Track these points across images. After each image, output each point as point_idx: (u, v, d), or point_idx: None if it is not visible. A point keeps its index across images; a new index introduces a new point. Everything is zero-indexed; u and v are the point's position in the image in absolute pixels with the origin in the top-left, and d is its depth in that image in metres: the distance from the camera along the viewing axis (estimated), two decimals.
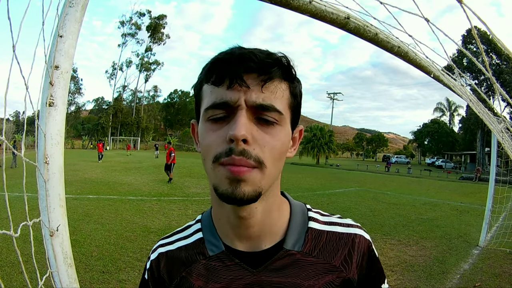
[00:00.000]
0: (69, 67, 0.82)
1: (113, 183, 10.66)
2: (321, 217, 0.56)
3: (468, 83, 3.83)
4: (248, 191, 0.44)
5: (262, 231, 0.52)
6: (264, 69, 0.45)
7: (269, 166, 0.46)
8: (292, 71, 0.49)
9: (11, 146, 0.68)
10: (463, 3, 0.70)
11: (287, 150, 0.50)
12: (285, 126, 0.49)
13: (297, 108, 0.52)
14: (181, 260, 0.56)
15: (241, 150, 0.43)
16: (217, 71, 0.47)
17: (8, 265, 3.65)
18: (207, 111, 0.47)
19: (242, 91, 0.45)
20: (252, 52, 0.45)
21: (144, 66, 54.13)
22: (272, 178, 0.48)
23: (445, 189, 15.92)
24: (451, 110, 53.71)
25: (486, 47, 30.73)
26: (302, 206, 0.58)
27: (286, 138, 0.49)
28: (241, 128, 0.43)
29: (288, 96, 0.49)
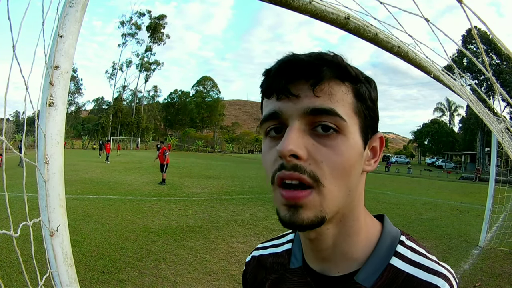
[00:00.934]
0: (69, 67, 0.82)
1: (113, 183, 10.66)
2: (410, 254, 0.47)
3: (468, 83, 3.83)
4: (308, 217, 0.40)
5: (335, 256, 0.47)
6: (311, 72, 0.41)
7: (328, 185, 0.40)
8: (350, 70, 0.43)
9: (9, 146, 0.68)
10: (463, 3, 0.70)
11: (355, 164, 0.43)
12: (349, 136, 0.42)
13: (367, 112, 0.45)
14: (266, 267, 0.57)
15: (293, 165, 0.39)
16: (265, 83, 0.44)
17: (8, 265, 3.65)
18: (262, 125, 0.45)
19: (292, 101, 0.41)
20: (297, 58, 0.42)
21: (144, 66, 54.15)
22: (337, 200, 0.42)
23: (445, 189, 15.92)
24: (451, 110, 53.73)
25: (486, 47, 30.74)
26: (395, 235, 0.49)
27: (352, 150, 0.42)
28: (289, 142, 0.39)
29: (351, 100, 0.43)
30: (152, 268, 3.88)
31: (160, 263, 4.02)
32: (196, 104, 61.10)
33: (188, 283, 3.54)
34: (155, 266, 3.92)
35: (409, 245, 0.48)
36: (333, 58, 0.42)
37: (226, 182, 12.50)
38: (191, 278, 3.65)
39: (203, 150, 48.02)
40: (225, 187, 11.20)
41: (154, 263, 4.01)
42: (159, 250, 4.49)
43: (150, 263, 4.00)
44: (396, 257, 0.46)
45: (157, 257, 4.22)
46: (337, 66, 0.42)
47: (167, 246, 4.70)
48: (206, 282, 3.58)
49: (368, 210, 0.51)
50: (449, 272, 0.45)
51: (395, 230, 0.51)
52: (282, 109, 0.42)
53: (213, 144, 52.06)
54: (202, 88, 64.03)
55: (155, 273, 3.74)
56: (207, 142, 52.72)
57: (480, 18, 0.71)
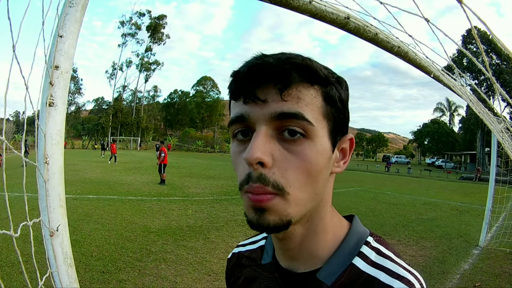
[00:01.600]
0: (69, 67, 0.82)
1: (113, 183, 10.65)
2: (374, 256, 0.46)
3: (468, 83, 3.83)
4: (273, 220, 0.40)
5: (302, 254, 0.48)
6: (279, 76, 0.40)
7: (293, 192, 0.40)
8: (320, 73, 0.42)
9: (9, 146, 0.68)
10: (463, 3, 0.70)
11: (322, 170, 0.42)
12: (316, 140, 0.41)
13: (337, 115, 0.44)
14: (241, 263, 0.60)
15: (258, 175, 0.39)
16: (232, 86, 0.44)
17: (8, 265, 3.65)
18: (230, 128, 0.45)
19: (259, 106, 0.40)
20: (265, 61, 0.41)
21: (144, 66, 54.12)
22: (302, 204, 0.42)
23: (445, 189, 15.92)
24: (451, 110, 53.74)
25: (486, 47, 30.74)
26: (362, 236, 0.49)
27: (319, 155, 0.41)
28: (255, 150, 0.39)
29: (320, 103, 0.42)
30: (152, 268, 3.88)
31: (160, 263, 4.02)
32: (196, 104, 61.08)
33: (188, 283, 3.54)
34: (155, 266, 3.92)
35: (375, 246, 0.48)
36: (302, 61, 0.41)
37: (226, 182, 12.50)
38: (191, 278, 3.65)
39: (203, 150, 48.02)
40: (225, 187, 11.19)
41: (154, 263, 4.01)
42: (159, 250, 4.49)
43: (150, 263, 4.00)
44: (359, 258, 0.46)
45: (157, 257, 4.22)
46: (306, 70, 0.41)
47: (167, 246, 4.70)
48: (206, 282, 3.58)
49: (368, 210, 0.51)
50: (415, 278, 0.44)
51: (363, 231, 0.51)
52: (249, 113, 0.41)
53: (213, 144, 52.04)
54: (202, 88, 64.01)
55: (155, 273, 3.74)
56: (207, 142, 52.70)
57: (480, 18, 0.71)
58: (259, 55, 0.43)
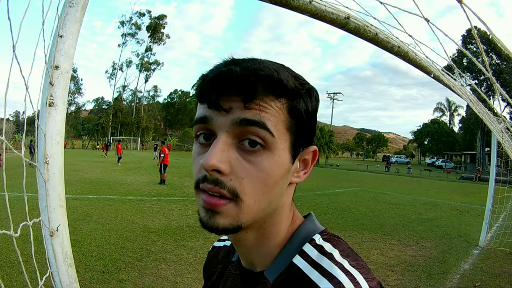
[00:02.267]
0: (69, 67, 0.82)
1: (113, 183, 10.65)
2: (316, 254, 0.45)
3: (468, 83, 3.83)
4: (223, 223, 0.41)
5: (256, 256, 0.49)
6: (244, 88, 0.40)
7: (247, 200, 0.41)
8: (288, 85, 0.41)
9: (9, 146, 0.68)
10: (463, 3, 0.70)
11: (279, 181, 0.42)
12: (275, 152, 0.41)
13: (302, 129, 0.44)
14: (218, 257, 0.61)
15: (214, 179, 0.40)
16: (199, 89, 0.44)
17: (8, 265, 3.65)
18: (193, 128, 0.46)
19: (222, 114, 0.41)
20: (232, 70, 0.40)
21: (144, 66, 54.11)
22: (254, 212, 0.42)
23: (445, 189, 15.92)
24: (451, 110, 53.74)
25: (486, 47, 30.73)
26: (310, 234, 0.48)
27: (277, 167, 0.41)
28: (212, 157, 0.39)
29: (285, 116, 0.42)
30: (152, 268, 3.87)
31: (160, 263, 4.02)
32: (196, 104, 61.05)
33: (188, 283, 3.54)
34: (155, 266, 3.92)
35: (319, 244, 0.46)
36: (269, 73, 0.40)
37: None
38: (191, 278, 3.65)
39: None
40: None
41: (154, 263, 4.01)
42: (159, 250, 4.49)
43: (150, 263, 4.00)
44: (300, 256, 0.46)
45: (157, 257, 4.22)
46: (272, 82, 0.40)
47: (167, 246, 4.70)
48: None
49: (368, 210, 0.51)
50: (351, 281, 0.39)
51: (313, 229, 0.49)
52: (212, 117, 0.42)
53: None
54: None
55: (155, 273, 3.74)
56: None
57: (480, 18, 0.71)
58: (229, 61, 0.43)
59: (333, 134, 37.34)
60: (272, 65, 0.42)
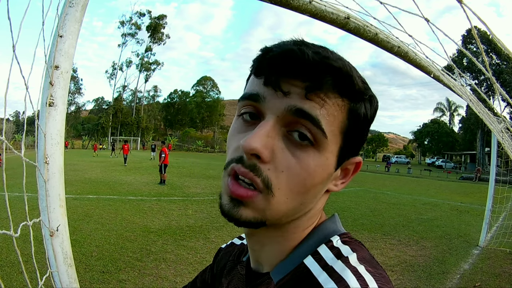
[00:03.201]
0: (69, 67, 0.82)
1: (113, 183, 10.65)
2: (331, 257, 0.40)
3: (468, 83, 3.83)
4: (246, 216, 0.38)
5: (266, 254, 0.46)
6: (311, 74, 0.36)
7: (279, 196, 0.37)
8: (355, 85, 0.38)
9: (9, 146, 0.68)
10: (463, 3, 0.70)
11: (318, 184, 0.39)
12: (323, 153, 0.38)
13: (355, 135, 0.40)
14: (230, 255, 0.60)
15: (252, 164, 0.36)
16: (258, 63, 0.40)
17: (8, 265, 3.65)
18: (239, 103, 0.42)
19: (278, 95, 0.37)
20: (303, 51, 0.36)
21: (144, 66, 54.14)
22: (283, 211, 0.39)
23: (445, 189, 15.93)
24: (451, 110, 53.75)
25: (486, 47, 30.75)
26: (328, 235, 0.44)
27: (321, 169, 0.38)
28: (256, 140, 0.35)
29: (343, 118, 0.38)
30: (152, 268, 3.87)
31: (160, 263, 4.02)
32: (196, 104, 61.12)
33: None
34: (155, 266, 3.92)
35: (336, 246, 0.42)
36: (343, 67, 0.37)
37: None
38: (191, 278, 3.62)
39: (203, 150, 48.01)
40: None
41: (154, 263, 4.01)
42: (159, 250, 4.49)
43: (150, 263, 4.00)
44: (312, 257, 0.42)
45: (157, 257, 4.22)
46: (343, 78, 0.37)
47: (167, 246, 4.70)
48: None
49: (368, 210, 0.51)
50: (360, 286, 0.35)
51: (332, 230, 0.45)
52: (266, 96, 0.38)
53: (213, 144, 52.02)
54: (202, 88, 64.06)
55: (155, 273, 3.74)
56: (207, 142, 52.69)
57: (480, 18, 0.71)
58: (299, 40, 0.39)
59: None
60: (344, 60, 0.39)
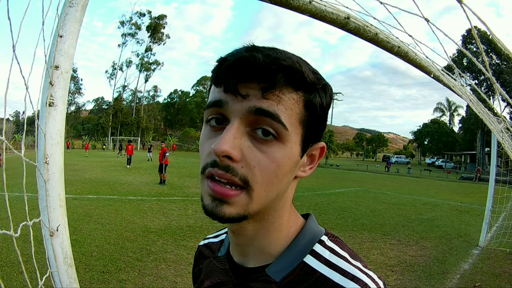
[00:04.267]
0: (69, 67, 0.82)
1: (113, 183, 10.65)
2: (328, 254, 0.45)
3: (468, 83, 3.83)
4: (230, 213, 0.40)
5: (254, 250, 0.48)
6: (265, 75, 0.39)
7: (258, 189, 0.40)
8: (307, 79, 0.41)
9: (9, 146, 0.68)
10: (463, 3, 0.70)
11: (288, 173, 0.43)
12: (287, 145, 0.41)
13: (314, 123, 0.44)
14: (204, 254, 0.61)
15: (225, 165, 0.39)
16: (216, 73, 0.43)
17: (8, 265, 3.65)
18: (205, 112, 0.45)
19: (238, 99, 0.40)
20: (254, 56, 0.39)
21: (144, 66, 54.11)
22: (263, 202, 0.42)
23: (445, 189, 15.92)
24: (451, 110, 53.72)
25: (486, 47, 30.74)
26: (316, 234, 0.48)
27: (287, 159, 0.41)
28: (224, 143, 0.38)
29: (300, 109, 0.41)
30: (152, 268, 3.88)
31: (160, 263, 4.02)
32: (196, 104, 61.07)
33: (188, 283, 3.54)
34: (155, 266, 3.92)
35: (329, 245, 0.47)
36: (292, 64, 0.40)
37: None
38: (191, 278, 3.65)
39: None
40: None
41: (154, 263, 4.01)
42: (159, 250, 4.49)
43: (150, 263, 4.00)
44: (312, 256, 0.45)
45: (157, 257, 4.22)
46: (293, 74, 0.40)
47: (167, 246, 4.70)
48: None
49: (368, 210, 0.51)
50: (372, 281, 0.41)
51: (318, 230, 0.49)
52: (227, 102, 0.41)
53: None
54: (202, 88, 64.00)
55: (155, 273, 3.74)
56: None
57: (480, 18, 0.71)
58: (250, 46, 0.42)
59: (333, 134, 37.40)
60: (293, 57, 0.42)
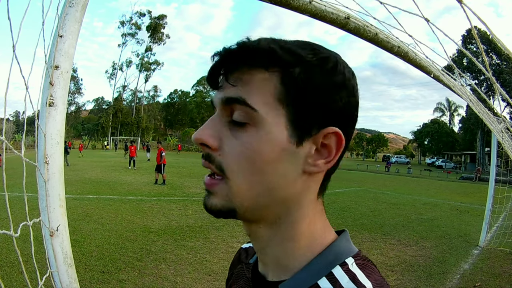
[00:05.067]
0: (69, 67, 0.82)
1: (113, 183, 10.65)
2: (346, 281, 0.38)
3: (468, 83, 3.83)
4: (216, 204, 0.40)
5: (269, 260, 0.44)
6: (227, 61, 0.39)
7: (234, 179, 0.38)
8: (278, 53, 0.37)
9: (9, 146, 0.68)
10: (463, 3, 0.70)
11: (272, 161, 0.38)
12: (262, 128, 0.37)
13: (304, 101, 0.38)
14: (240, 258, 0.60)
15: (206, 154, 0.41)
16: None
17: (8, 265, 3.65)
18: None
19: (218, 92, 0.41)
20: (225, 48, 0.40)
21: (144, 66, 54.12)
22: (247, 195, 0.39)
23: (445, 189, 15.93)
24: (451, 110, 53.73)
25: (486, 47, 30.75)
26: (341, 255, 0.41)
27: (264, 143, 0.37)
28: (200, 132, 0.40)
29: (275, 86, 0.37)
30: (152, 268, 3.88)
31: (160, 263, 4.02)
32: (196, 104, 61.06)
33: (188, 283, 3.54)
34: (155, 266, 3.92)
35: (352, 270, 0.39)
36: (258, 44, 0.38)
37: None
38: (191, 278, 3.65)
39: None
40: None
41: (154, 263, 4.01)
42: (159, 250, 4.49)
43: (150, 263, 4.00)
44: (327, 279, 0.39)
45: (157, 257, 4.22)
46: (260, 54, 0.37)
47: (167, 246, 4.70)
48: (206, 282, 3.58)
49: (368, 210, 0.50)
50: None
51: (346, 249, 0.42)
52: (213, 98, 0.43)
53: None
54: (202, 88, 63.96)
55: (155, 273, 3.74)
56: None
57: (480, 18, 0.71)
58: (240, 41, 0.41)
59: None
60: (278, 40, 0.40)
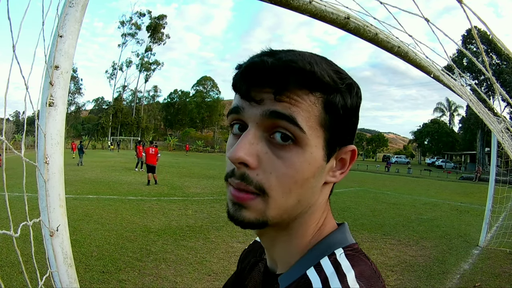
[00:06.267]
0: (69, 67, 0.82)
1: (113, 183, 10.65)
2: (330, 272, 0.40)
3: (468, 83, 3.84)
4: (249, 218, 0.40)
5: (278, 254, 0.47)
6: (275, 79, 0.38)
7: (275, 196, 0.39)
8: (323, 80, 0.39)
9: (9, 146, 0.68)
10: (463, 3, 0.71)
11: (310, 178, 0.40)
12: (306, 149, 0.39)
13: (339, 126, 0.41)
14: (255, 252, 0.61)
15: (241, 174, 0.40)
16: (233, 80, 0.43)
17: (8, 265, 3.65)
18: (228, 117, 0.44)
19: (252, 105, 0.40)
20: (264, 61, 0.39)
21: (144, 66, 54.11)
22: (283, 209, 0.41)
23: (445, 189, 15.93)
24: (451, 110, 53.73)
25: (486, 47, 30.75)
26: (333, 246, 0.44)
27: (307, 164, 0.39)
28: (239, 150, 0.39)
29: (319, 111, 0.39)
30: (152, 268, 3.87)
31: (160, 263, 4.02)
32: (196, 104, 61.08)
33: (188, 283, 3.54)
34: (155, 266, 3.92)
35: (338, 260, 0.41)
36: (303, 65, 0.38)
37: None
38: (191, 278, 3.65)
39: (203, 150, 48.03)
40: (225, 187, 11.14)
41: (154, 263, 4.01)
42: (159, 250, 4.49)
43: (150, 263, 4.00)
44: (314, 269, 0.42)
45: (157, 257, 4.22)
46: (306, 76, 0.38)
47: (167, 246, 4.70)
48: (206, 282, 3.58)
49: (368, 210, 0.51)
50: None
51: (339, 241, 0.45)
52: (244, 107, 0.41)
53: (213, 144, 52.01)
54: (202, 88, 64.01)
55: (155, 273, 3.74)
56: (207, 142, 52.68)
57: (480, 18, 0.71)
58: (265, 51, 0.42)
59: None
60: (308, 57, 0.40)
